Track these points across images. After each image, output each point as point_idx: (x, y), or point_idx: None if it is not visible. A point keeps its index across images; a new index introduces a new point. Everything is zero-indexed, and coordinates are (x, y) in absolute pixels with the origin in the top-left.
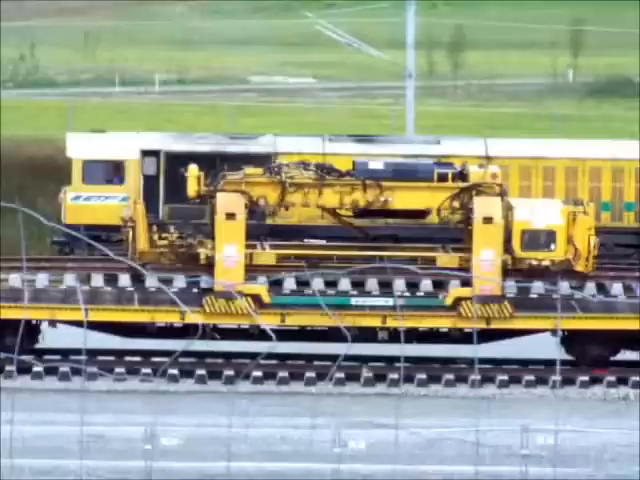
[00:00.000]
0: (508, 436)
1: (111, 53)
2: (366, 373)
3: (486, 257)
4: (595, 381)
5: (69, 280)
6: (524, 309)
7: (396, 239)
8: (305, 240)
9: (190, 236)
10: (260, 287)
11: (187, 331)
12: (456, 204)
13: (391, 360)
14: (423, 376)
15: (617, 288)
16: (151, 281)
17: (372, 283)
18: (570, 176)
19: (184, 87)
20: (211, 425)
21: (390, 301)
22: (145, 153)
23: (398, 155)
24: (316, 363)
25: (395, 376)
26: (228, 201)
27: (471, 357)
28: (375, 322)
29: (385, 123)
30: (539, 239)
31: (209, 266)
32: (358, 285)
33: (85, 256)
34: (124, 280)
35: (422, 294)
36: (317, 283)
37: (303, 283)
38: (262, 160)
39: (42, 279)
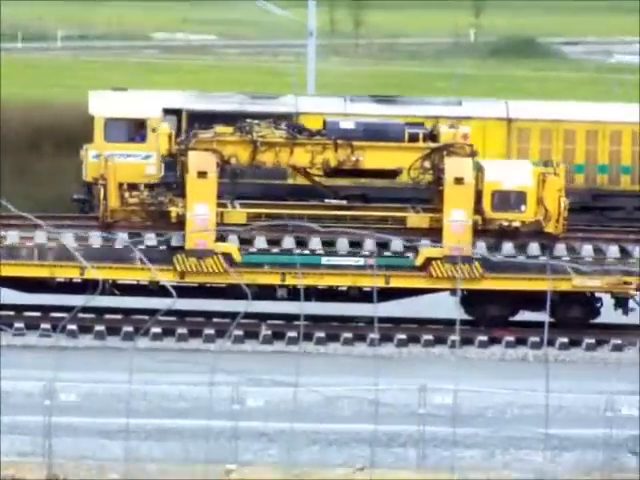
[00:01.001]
0: (406, 395)
1: (14, 9)
2: (265, 331)
3: (457, 217)
4: (494, 341)
5: (39, 237)
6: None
7: (366, 199)
8: (325, 200)
9: (161, 194)
10: (232, 246)
11: (86, 287)
12: (427, 164)
13: (290, 318)
14: (322, 334)
15: (587, 249)
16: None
17: (342, 243)
18: (590, 139)
19: (86, 43)
20: (110, 381)
21: (361, 261)
22: (167, 111)
23: (420, 116)
24: (215, 320)
25: (294, 334)
26: (200, 160)
27: (370, 316)
28: (274, 280)
29: (287, 81)
30: (509, 200)
31: (180, 224)
32: (330, 245)
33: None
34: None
35: (391, 254)
36: (288, 242)
37: (274, 242)
38: (284, 120)
39: (13, 235)
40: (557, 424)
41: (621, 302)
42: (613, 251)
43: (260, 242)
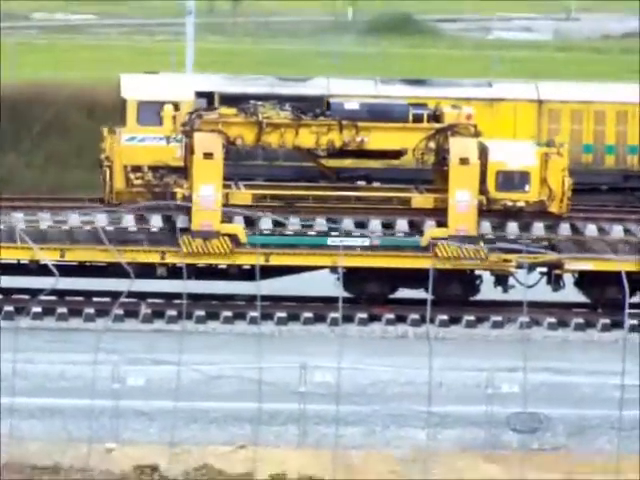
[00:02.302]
0: (288, 373)
1: None
2: (145, 309)
3: (462, 198)
4: (374, 319)
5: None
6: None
7: (368, 180)
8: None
9: (166, 175)
10: (237, 227)
11: None
12: (432, 145)
13: (170, 297)
14: (202, 313)
15: (591, 229)
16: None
17: (348, 223)
18: (621, 120)
19: None
20: None
21: (367, 241)
22: (199, 94)
23: (451, 98)
24: (95, 299)
25: (174, 313)
26: (206, 141)
27: (251, 294)
28: (154, 258)
29: (165, 60)
30: (513, 180)
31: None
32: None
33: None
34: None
35: (398, 234)
36: (294, 223)
37: (280, 223)
38: (315, 102)
39: (18, 218)
40: (438, 401)
41: (501, 280)
42: (617, 231)
43: (265, 223)
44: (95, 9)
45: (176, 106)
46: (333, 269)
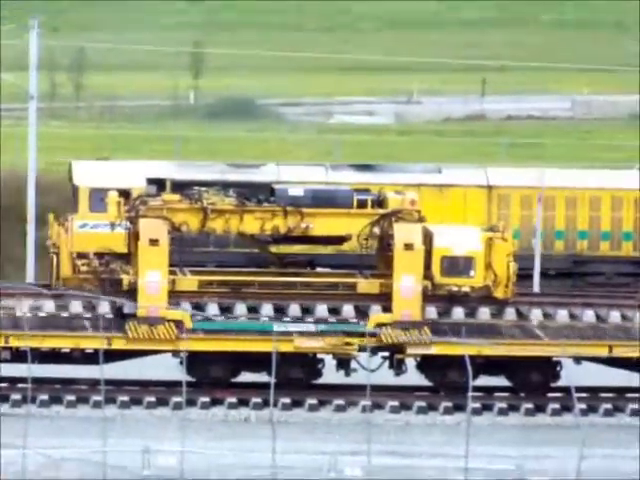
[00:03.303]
0: (131, 457)
1: None
2: None
3: (407, 283)
4: (216, 402)
5: None
6: None
7: (313, 266)
8: (317, 268)
9: (112, 262)
10: (182, 312)
11: None
12: (376, 230)
13: (14, 381)
14: (45, 397)
15: (536, 314)
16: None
17: (294, 309)
18: (570, 206)
19: None
20: None
21: (312, 327)
22: (150, 181)
23: (400, 184)
24: None
25: (18, 397)
26: (151, 227)
27: (95, 378)
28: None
29: (10, 145)
30: (458, 265)
31: (132, 292)
32: (280, 311)
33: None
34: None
35: (343, 319)
36: (239, 309)
37: (226, 309)
38: (266, 189)
39: None
40: None
41: (343, 363)
42: (562, 315)
43: (212, 309)
44: None
45: (127, 193)
46: (175, 353)
